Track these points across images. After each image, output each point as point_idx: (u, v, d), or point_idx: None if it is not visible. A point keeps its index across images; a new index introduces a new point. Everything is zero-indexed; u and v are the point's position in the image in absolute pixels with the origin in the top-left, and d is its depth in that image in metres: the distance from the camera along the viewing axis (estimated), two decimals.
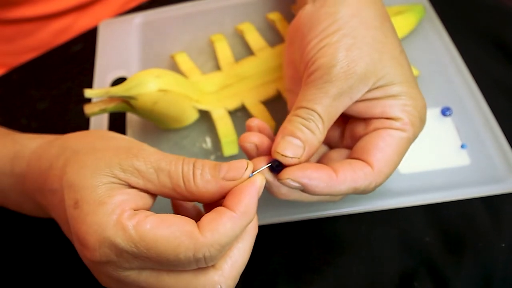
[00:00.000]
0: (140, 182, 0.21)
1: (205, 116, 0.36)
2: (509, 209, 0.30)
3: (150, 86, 0.31)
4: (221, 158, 0.34)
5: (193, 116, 0.35)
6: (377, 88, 0.25)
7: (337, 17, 0.25)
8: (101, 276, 0.22)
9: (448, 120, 0.34)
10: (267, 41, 0.39)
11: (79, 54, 0.43)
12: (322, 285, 0.29)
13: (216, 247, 0.20)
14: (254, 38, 0.39)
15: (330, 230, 0.31)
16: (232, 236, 0.20)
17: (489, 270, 0.29)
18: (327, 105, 0.24)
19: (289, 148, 0.24)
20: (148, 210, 0.22)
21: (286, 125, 0.25)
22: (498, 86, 0.35)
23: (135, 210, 0.21)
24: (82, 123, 0.37)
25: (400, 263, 0.29)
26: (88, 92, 0.30)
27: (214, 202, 0.22)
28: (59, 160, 0.23)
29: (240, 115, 0.36)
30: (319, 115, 0.24)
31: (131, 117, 0.37)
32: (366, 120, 0.26)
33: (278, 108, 0.36)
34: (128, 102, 0.32)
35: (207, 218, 0.20)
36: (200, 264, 0.20)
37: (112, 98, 0.31)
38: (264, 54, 0.38)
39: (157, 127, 0.36)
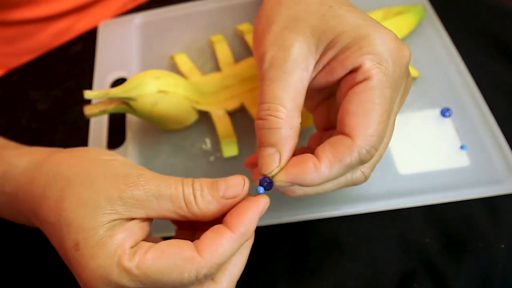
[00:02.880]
0: (141, 212, 0.21)
1: (204, 117, 0.36)
2: (508, 210, 0.30)
3: (149, 87, 0.31)
4: (221, 159, 0.34)
5: (193, 117, 0.35)
6: (329, 47, 0.23)
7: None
8: None
9: (447, 121, 0.34)
10: None
11: (79, 55, 0.43)
12: (322, 286, 0.29)
13: (215, 267, 0.21)
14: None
15: (330, 231, 0.31)
16: (230, 255, 0.21)
17: (488, 270, 0.29)
18: (279, 87, 0.23)
19: (264, 163, 0.23)
20: (146, 236, 0.22)
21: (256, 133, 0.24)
22: (498, 87, 0.35)
23: (134, 245, 0.21)
24: (82, 124, 0.37)
25: (399, 264, 0.29)
26: (88, 94, 0.30)
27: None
28: (53, 190, 0.22)
29: (239, 116, 0.36)
30: (275, 103, 0.23)
31: (131, 118, 0.37)
32: (339, 89, 0.24)
33: None
34: (128, 103, 0.32)
35: (206, 239, 0.21)
36: (201, 281, 0.21)
37: (112, 100, 0.31)
38: None
39: (157, 128, 0.36)
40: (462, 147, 0.32)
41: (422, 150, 0.33)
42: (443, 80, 0.36)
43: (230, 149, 0.34)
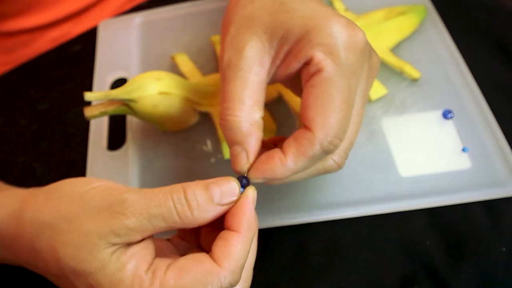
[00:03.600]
0: (137, 237, 0.21)
1: (205, 118, 0.36)
2: (509, 213, 0.30)
3: (150, 89, 0.31)
4: (222, 160, 0.34)
5: (194, 118, 0.35)
6: (282, 42, 0.23)
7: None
8: None
9: (449, 123, 0.34)
10: None
11: (78, 55, 0.43)
12: None
13: (237, 272, 0.21)
14: None
15: (331, 233, 0.31)
16: (246, 254, 0.21)
17: (489, 274, 0.29)
18: (236, 86, 0.23)
19: (234, 162, 0.24)
20: (155, 252, 0.22)
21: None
22: (500, 88, 0.35)
23: (148, 268, 0.21)
24: (82, 125, 0.37)
25: (400, 267, 0.29)
26: (88, 95, 0.29)
27: None
28: (42, 241, 0.21)
29: None
30: (233, 103, 0.23)
31: (131, 120, 0.37)
32: (301, 81, 0.24)
33: (279, 110, 0.35)
34: (128, 104, 0.31)
35: (218, 248, 0.21)
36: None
37: (112, 101, 0.31)
38: None
39: (158, 129, 0.36)
40: (463, 150, 0.32)
41: (423, 152, 0.32)
42: (444, 81, 0.36)
43: None
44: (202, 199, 0.21)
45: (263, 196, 0.32)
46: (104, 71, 0.40)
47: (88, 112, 0.31)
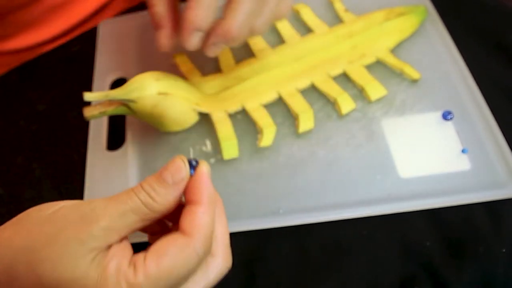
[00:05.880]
0: (115, 237, 0.21)
1: (205, 119, 0.36)
2: (510, 214, 0.30)
3: (150, 89, 0.31)
4: (221, 161, 0.34)
5: (193, 118, 0.35)
6: None
7: None
8: None
9: (449, 124, 0.34)
10: (267, 42, 0.39)
11: (78, 55, 0.43)
12: None
13: (208, 240, 0.22)
14: (254, 39, 0.39)
15: (332, 234, 0.31)
16: (211, 222, 0.22)
17: (489, 275, 0.29)
18: None
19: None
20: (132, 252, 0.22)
21: None
22: (500, 90, 0.35)
23: (129, 263, 0.21)
24: (82, 125, 0.37)
25: (401, 268, 0.29)
26: (87, 96, 0.29)
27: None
28: (18, 267, 0.21)
29: (240, 117, 0.36)
30: None
31: (131, 120, 0.37)
32: None
33: (279, 111, 0.35)
34: (127, 105, 0.31)
35: (185, 222, 0.22)
36: (203, 259, 0.22)
37: (111, 101, 0.31)
38: (264, 55, 0.38)
39: (157, 129, 0.36)
40: (463, 151, 0.32)
41: (423, 153, 0.32)
42: (444, 82, 0.36)
43: (230, 151, 0.33)
44: (158, 185, 0.22)
45: (263, 196, 0.32)
46: (103, 71, 0.40)
47: (87, 112, 0.31)
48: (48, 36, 0.45)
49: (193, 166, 0.24)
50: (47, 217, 0.22)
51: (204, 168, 0.23)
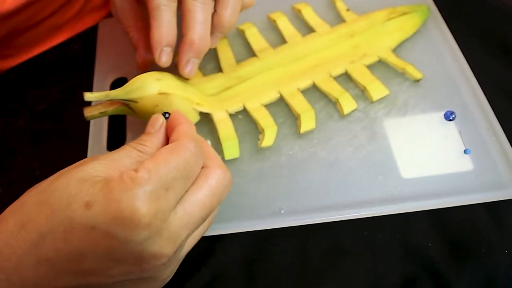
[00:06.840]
0: (114, 171, 0.23)
1: (206, 119, 0.36)
2: None
3: (150, 89, 0.31)
4: (222, 161, 0.33)
5: (194, 118, 0.35)
6: None
7: None
8: (159, 240, 0.22)
9: (451, 124, 0.33)
10: (269, 42, 0.39)
11: (78, 54, 0.43)
12: None
13: (196, 141, 0.24)
14: (255, 39, 0.39)
15: (333, 235, 0.31)
16: (195, 133, 0.26)
17: (491, 275, 0.29)
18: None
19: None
20: None
21: None
22: (503, 90, 0.35)
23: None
24: (82, 125, 0.37)
25: (402, 268, 0.29)
26: (87, 96, 0.29)
27: None
28: (30, 210, 0.22)
29: (241, 117, 0.35)
30: None
31: (131, 120, 0.37)
32: None
33: (280, 111, 0.35)
34: (128, 105, 0.31)
35: (174, 134, 0.25)
36: (199, 159, 0.25)
37: (112, 101, 0.31)
38: (265, 55, 0.37)
39: None
40: (465, 151, 0.32)
41: (425, 154, 0.32)
42: (447, 82, 0.35)
43: (231, 152, 0.33)
44: (144, 137, 0.26)
45: (264, 197, 0.32)
46: (103, 71, 0.40)
47: (87, 112, 0.31)
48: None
49: (167, 117, 0.28)
50: (45, 186, 0.23)
51: (175, 111, 0.27)
